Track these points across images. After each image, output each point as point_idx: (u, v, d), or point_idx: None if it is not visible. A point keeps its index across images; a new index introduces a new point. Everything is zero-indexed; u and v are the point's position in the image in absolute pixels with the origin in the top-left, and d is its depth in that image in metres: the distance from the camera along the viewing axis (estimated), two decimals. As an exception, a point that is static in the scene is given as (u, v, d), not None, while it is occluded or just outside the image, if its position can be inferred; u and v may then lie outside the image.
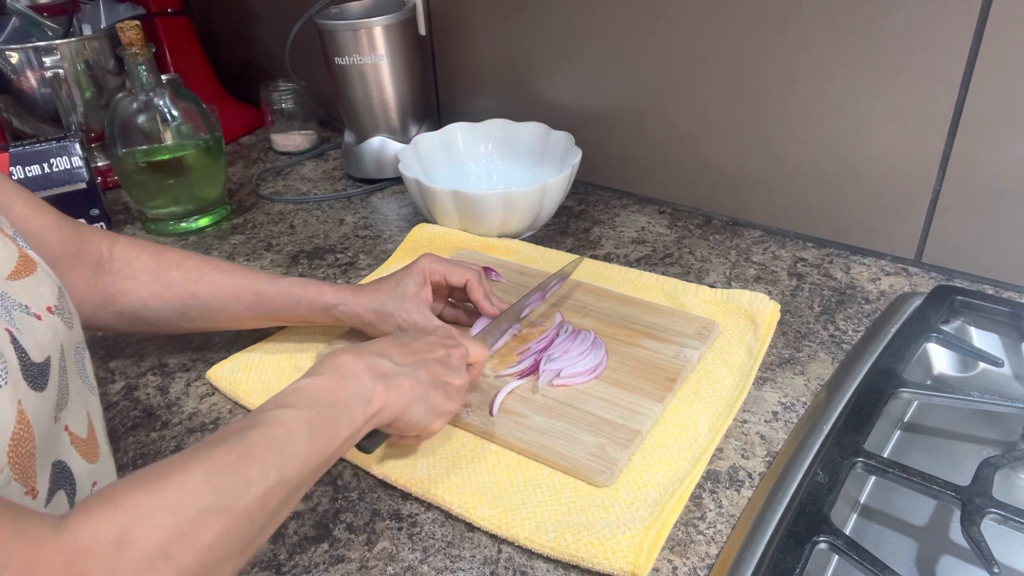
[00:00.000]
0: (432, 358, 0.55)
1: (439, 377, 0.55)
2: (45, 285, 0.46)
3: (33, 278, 0.45)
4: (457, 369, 0.57)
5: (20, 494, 0.38)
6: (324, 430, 0.46)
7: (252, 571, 0.52)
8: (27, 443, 0.39)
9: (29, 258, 0.46)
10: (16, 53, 1.02)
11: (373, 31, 0.97)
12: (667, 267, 0.83)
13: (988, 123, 0.70)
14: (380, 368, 0.51)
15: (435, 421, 0.55)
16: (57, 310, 0.46)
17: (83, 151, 0.94)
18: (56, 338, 0.44)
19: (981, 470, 0.53)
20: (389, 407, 0.51)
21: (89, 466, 0.46)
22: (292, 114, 1.19)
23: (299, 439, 0.44)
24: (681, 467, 0.56)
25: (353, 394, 0.49)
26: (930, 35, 0.70)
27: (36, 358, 0.41)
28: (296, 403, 0.46)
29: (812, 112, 0.80)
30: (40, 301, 0.45)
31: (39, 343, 0.42)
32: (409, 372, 0.53)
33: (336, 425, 0.47)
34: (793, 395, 0.64)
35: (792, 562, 0.47)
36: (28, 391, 0.40)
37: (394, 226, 0.96)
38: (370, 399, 0.49)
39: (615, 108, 0.95)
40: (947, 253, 0.78)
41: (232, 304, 0.66)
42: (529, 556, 0.52)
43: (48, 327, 0.44)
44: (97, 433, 0.49)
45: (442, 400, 0.55)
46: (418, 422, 0.53)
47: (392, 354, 0.53)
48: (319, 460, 0.45)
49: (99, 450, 0.49)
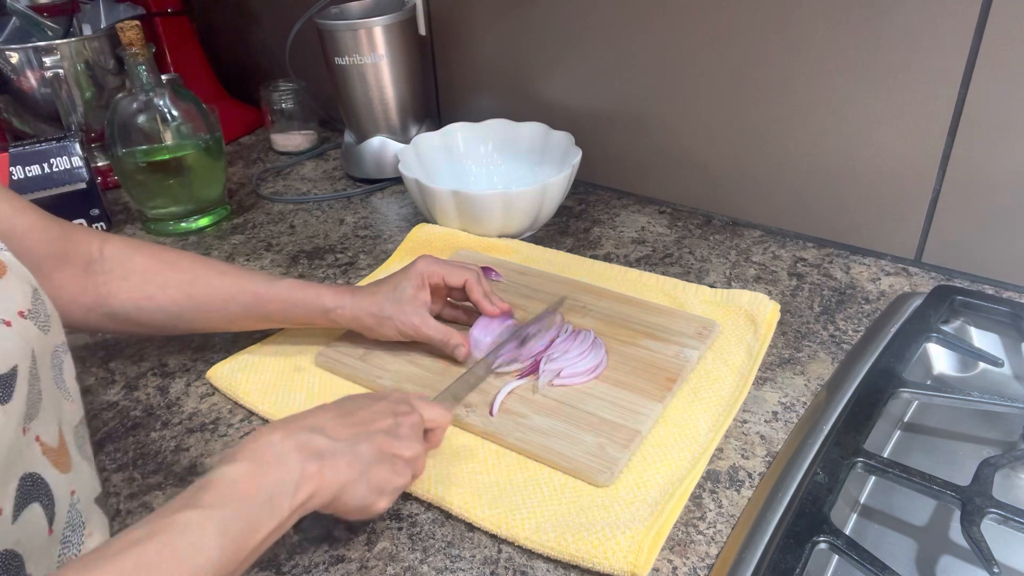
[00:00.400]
0: (377, 428, 0.50)
1: (384, 450, 0.49)
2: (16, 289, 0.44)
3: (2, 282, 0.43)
4: (407, 439, 0.51)
5: None
6: (239, 530, 0.40)
7: (252, 571, 0.52)
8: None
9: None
10: (16, 53, 1.02)
11: (373, 31, 0.97)
12: (667, 267, 0.83)
13: (988, 123, 0.70)
14: (313, 447, 0.45)
15: (379, 500, 0.49)
16: (31, 314, 0.44)
17: (83, 151, 0.94)
18: (27, 345, 0.42)
19: (981, 470, 0.53)
20: (321, 492, 0.45)
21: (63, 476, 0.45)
22: (292, 114, 1.19)
23: (207, 547, 0.38)
24: (681, 467, 0.56)
25: (277, 481, 0.43)
26: (930, 35, 0.70)
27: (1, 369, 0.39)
28: (207, 502, 0.40)
29: (812, 112, 0.80)
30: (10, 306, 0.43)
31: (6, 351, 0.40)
32: (347, 448, 0.47)
33: (255, 523, 0.41)
34: (793, 395, 0.64)
35: (792, 562, 0.47)
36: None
37: (394, 226, 0.96)
38: (298, 486, 0.44)
39: (615, 108, 0.95)
40: (947, 253, 0.78)
41: (228, 306, 0.65)
42: (529, 556, 0.52)
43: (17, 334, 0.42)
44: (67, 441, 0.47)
45: (388, 476, 0.49)
46: (359, 503, 0.48)
47: (329, 428, 0.48)
48: (233, 565, 0.40)
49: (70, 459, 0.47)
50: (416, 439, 0.52)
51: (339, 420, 0.49)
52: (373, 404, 0.52)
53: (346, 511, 0.48)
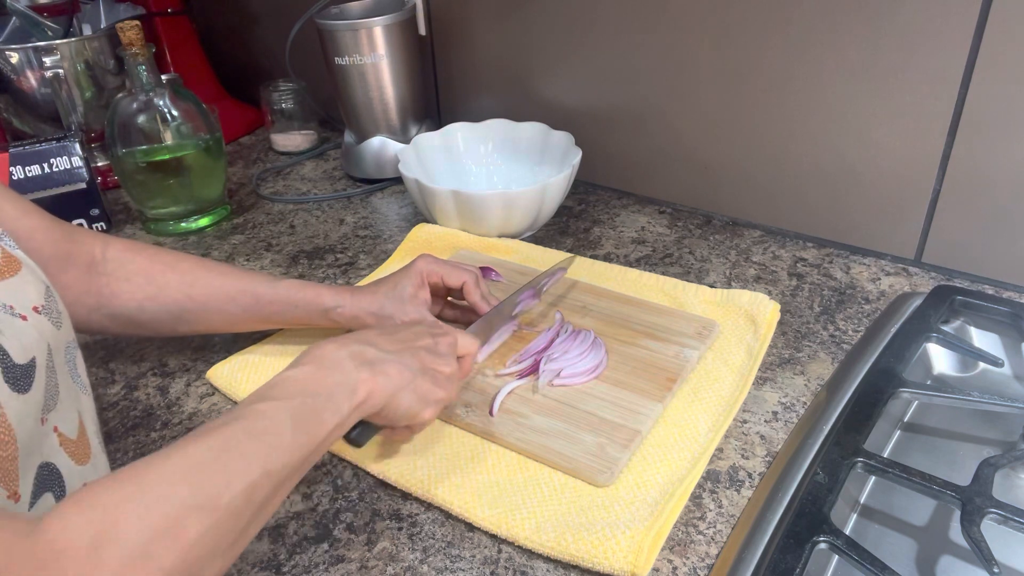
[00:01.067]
0: (419, 345, 0.55)
1: (427, 364, 0.54)
2: (31, 285, 0.45)
3: (17, 279, 0.45)
4: (445, 356, 0.56)
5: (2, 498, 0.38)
6: (309, 420, 0.45)
7: (252, 571, 0.52)
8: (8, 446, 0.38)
9: (13, 258, 0.46)
10: (16, 53, 1.02)
11: (373, 31, 0.97)
12: (667, 267, 0.83)
13: (988, 123, 0.70)
14: (365, 356, 0.50)
15: (425, 410, 0.54)
16: (44, 310, 0.45)
17: (83, 151, 0.94)
18: (42, 338, 0.44)
19: (981, 470, 0.53)
20: (376, 395, 0.50)
21: (79, 467, 0.46)
22: (292, 114, 1.19)
23: (283, 431, 0.43)
24: (681, 467, 0.56)
25: (337, 383, 0.48)
26: (930, 35, 0.70)
27: (19, 359, 0.41)
28: (279, 395, 0.45)
29: (812, 112, 0.80)
30: (25, 301, 0.44)
31: (23, 344, 0.41)
32: (395, 358, 0.52)
33: (321, 415, 0.46)
34: (793, 395, 0.64)
35: (792, 562, 0.47)
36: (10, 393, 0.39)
37: (394, 226, 0.96)
38: (355, 387, 0.48)
39: (615, 108, 0.95)
40: (947, 253, 0.78)
41: (228, 307, 0.66)
42: (529, 556, 0.52)
43: (33, 327, 0.43)
44: (89, 434, 0.49)
45: (431, 388, 0.54)
46: (407, 410, 0.52)
47: (377, 342, 0.53)
48: (305, 451, 0.44)
49: (91, 451, 0.48)
50: (452, 358, 0.57)
51: (384, 337, 0.54)
52: (412, 326, 0.58)
53: (396, 417, 0.52)
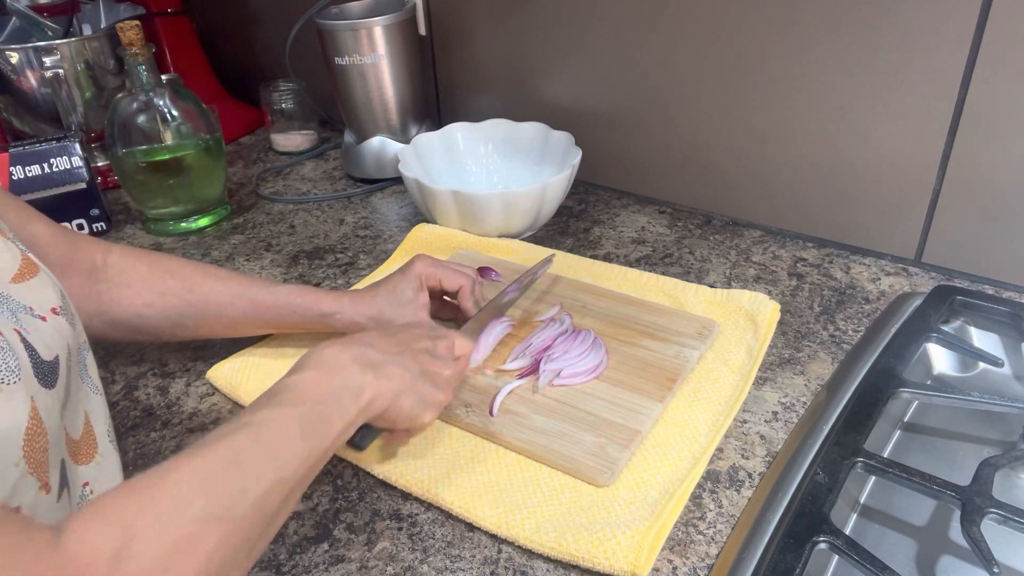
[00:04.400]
0: (418, 348, 0.56)
1: (426, 367, 0.55)
2: (48, 287, 0.46)
3: (36, 280, 0.46)
4: (444, 359, 0.57)
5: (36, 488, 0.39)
6: (316, 426, 0.45)
7: (252, 571, 0.52)
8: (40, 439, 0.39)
9: (31, 261, 0.47)
10: (16, 53, 1.02)
11: (373, 31, 0.97)
12: (667, 267, 0.83)
13: (988, 123, 0.70)
14: (368, 358, 0.51)
15: (425, 412, 0.54)
16: (62, 311, 0.46)
17: (83, 151, 0.94)
18: (62, 338, 0.45)
19: (981, 470, 0.53)
20: (380, 397, 0.50)
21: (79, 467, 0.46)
22: (292, 114, 1.19)
23: (292, 438, 0.43)
24: (681, 467, 0.56)
25: (343, 387, 0.48)
26: (930, 35, 0.70)
27: (46, 356, 0.42)
28: (286, 401, 0.45)
29: (812, 112, 0.80)
30: (44, 303, 0.45)
31: (46, 343, 0.42)
32: (396, 361, 0.53)
33: (328, 420, 0.46)
34: (793, 395, 0.64)
35: (792, 562, 0.47)
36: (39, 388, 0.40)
37: (394, 226, 0.96)
38: (361, 390, 0.49)
39: (615, 108, 0.95)
40: (947, 253, 0.78)
41: (227, 313, 0.66)
42: (529, 556, 0.52)
43: (53, 328, 0.44)
44: (97, 434, 0.49)
45: (431, 390, 0.54)
46: (409, 412, 0.53)
47: (377, 344, 0.53)
48: (314, 457, 0.44)
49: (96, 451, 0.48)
50: (451, 360, 0.58)
51: (384, 339, 0.55)
52: (410, 328, 0.59)
53: (398, 419, 0.53)
